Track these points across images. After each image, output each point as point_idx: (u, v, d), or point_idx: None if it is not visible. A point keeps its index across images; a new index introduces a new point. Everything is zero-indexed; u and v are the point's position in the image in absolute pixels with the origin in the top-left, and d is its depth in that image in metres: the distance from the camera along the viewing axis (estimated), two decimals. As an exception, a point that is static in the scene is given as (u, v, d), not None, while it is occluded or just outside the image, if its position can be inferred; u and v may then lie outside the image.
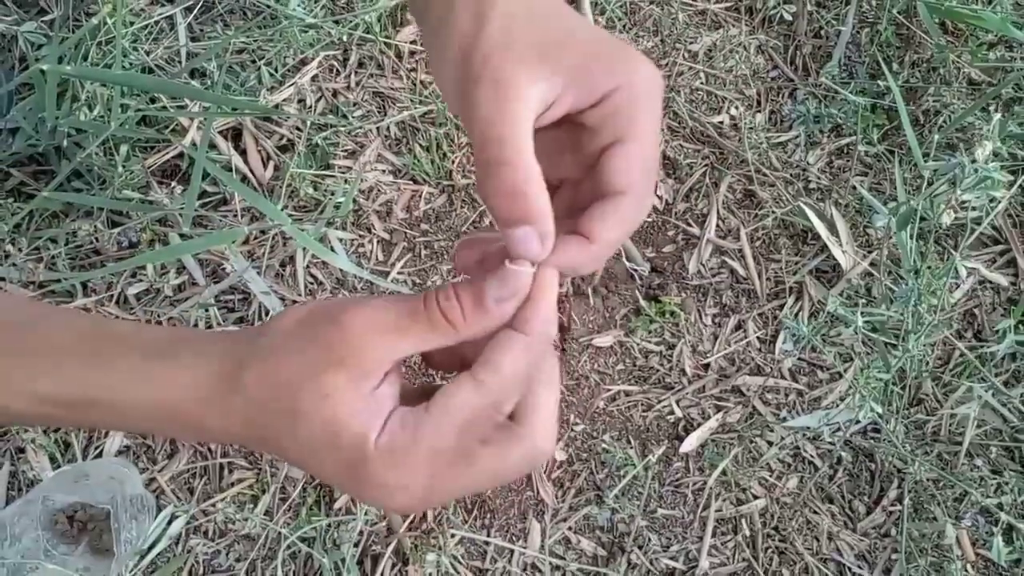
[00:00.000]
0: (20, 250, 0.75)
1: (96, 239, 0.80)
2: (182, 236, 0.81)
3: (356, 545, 0.69)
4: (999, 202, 0.79)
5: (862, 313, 0.71)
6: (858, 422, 0.76)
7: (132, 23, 0.84)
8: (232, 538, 0.71)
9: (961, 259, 0.70)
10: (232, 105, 0.80)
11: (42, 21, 0.87)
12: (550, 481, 0.76)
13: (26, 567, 0.65)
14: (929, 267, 0.73)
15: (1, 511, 0.68)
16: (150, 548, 0.70)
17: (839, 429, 0.79)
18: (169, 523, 0.71)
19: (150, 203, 0.79)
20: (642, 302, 0.83)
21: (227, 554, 0.71)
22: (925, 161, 0.75)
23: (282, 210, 0.76)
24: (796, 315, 0.83)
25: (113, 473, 0.70)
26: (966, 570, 0.72)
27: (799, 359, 0.82)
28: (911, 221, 0.73)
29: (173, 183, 0.79)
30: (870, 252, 0.85)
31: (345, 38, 0.88)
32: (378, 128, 0.89)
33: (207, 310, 0.77)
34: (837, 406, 0.78)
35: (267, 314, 0.78)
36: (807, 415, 0.77)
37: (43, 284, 0.79)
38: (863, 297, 0.82)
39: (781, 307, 0.84)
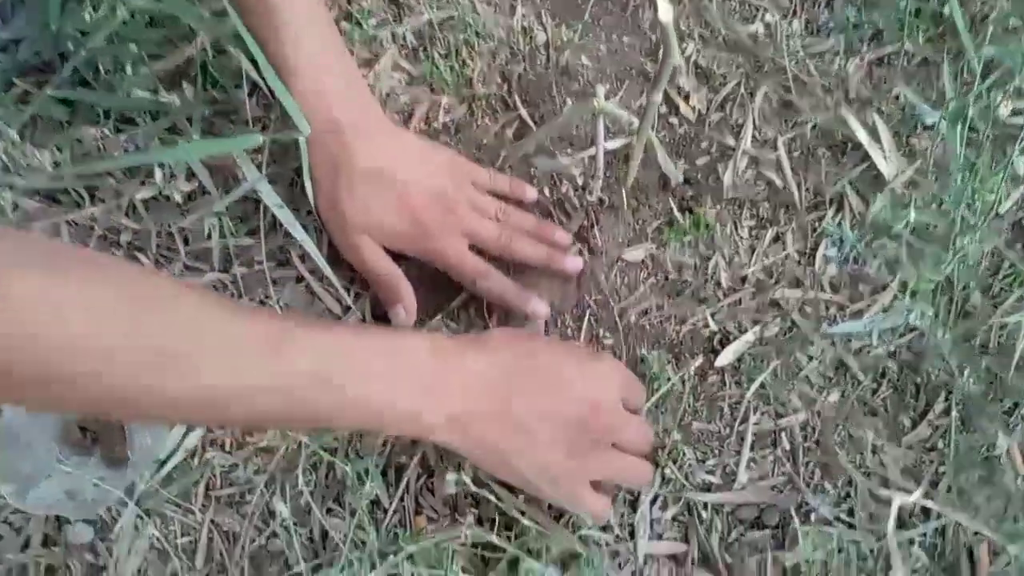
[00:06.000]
0: (24, 155, 0.71)
1: (103, 147, 0.76)
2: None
3: (380, 455, 0.66)
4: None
5: (908, 220, 0.67)
6: (910, 330, 0.72)
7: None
8: (250, 451, 0.69)
9: (1019, 154, 0.66)
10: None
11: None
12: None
13: (39, 476, 0.63)
14: (979, 168, 0.69)
15: (12, 419, 0.65)
16: (165, 461, 0.67)
17: (883, 343, 0.75)
18: (184, 436, 0.68)
19: (159, 105, 0.75)
20: (676, 213, 0.79)
21: (245, 467, 0.68)
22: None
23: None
24: (838, 225, 0.79)
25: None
26: (1017, 484, 0.69)
27: (839, 271, 0.78)
28: (963, 116, 0.69)
29: (184, 84, 0.75)
30: (914, 162, 0.81)
31: (360, -59, 0.84)
32: (393, 35, 0.85)
33: (219, 219, 0.73)
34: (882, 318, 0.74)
35: (279, 226, 0.75)
36: (853, 322, 0.73)
37: (50, 194, 0.76)
38: (908, 207, 0.78)
39: (821, 219, 0.80)
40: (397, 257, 0.73)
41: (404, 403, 0.54)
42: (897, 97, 0.86)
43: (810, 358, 0.75)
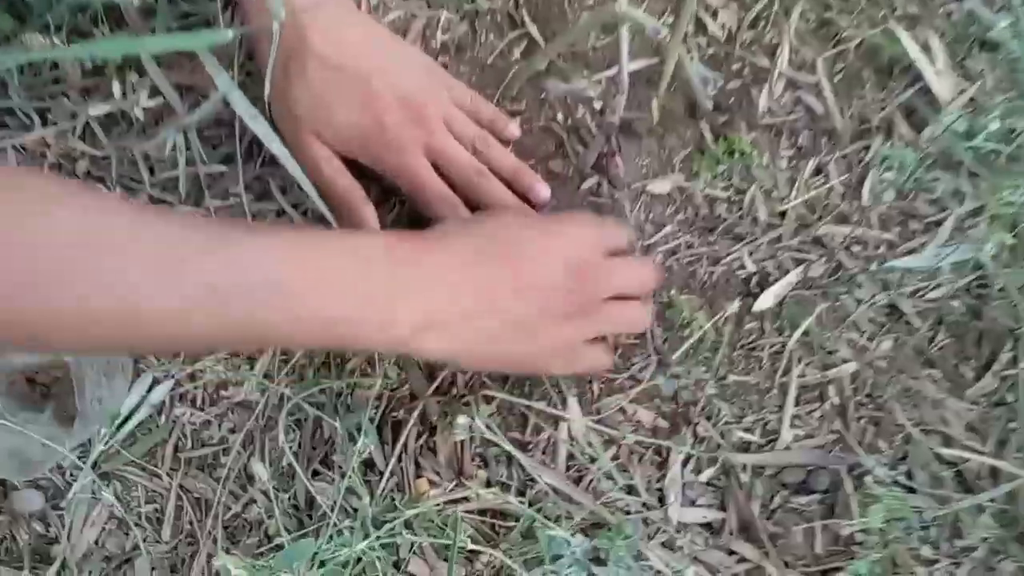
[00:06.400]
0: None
1: (55, 65, 0.67)
2: (158, 61, 0.68)
3: (374, 409, 0.57)
4: None
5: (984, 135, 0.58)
6: (974, 268, 0.63)
7: None
8: (225, 406, 0.60)
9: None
10: None
11: None
12: (601, 343, 0.64)
13: (-24, 435, 0.54)
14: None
15: (-58, 367, 0.56)
16: (127, 419, 0.59)
17: (943, 284, 0.67)
18: (149, 390, 0.60)
19: (118, 12, 0.66)
20: (707, 136, 0.70)
21: (219, 425, 0.59)
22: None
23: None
24: (891, 146, 0.70)
25: (80, 329, 0.57)
26: (1096, 442, 0.61)
27: (889, 207, 0.69)
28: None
29: (143, -15, 0.66)
30: (972, 84, 0.72)
31: None
32: (388, -58, 0.75)
33: (187, 139, 0.64)
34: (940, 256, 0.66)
35: (257, 153, 0.66)
36: (914, 256, 0.64)
37: (-7, 116, 0.66)
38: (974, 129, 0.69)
39: (866, 148, 0.71)
40: (360, 176, 0.63)
41: (369, 312, 0.46)
42: (950, 15, 0.76)
43: (859, 302, 0.66)
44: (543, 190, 0.65)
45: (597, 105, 0.72)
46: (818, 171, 0.71)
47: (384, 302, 0.47)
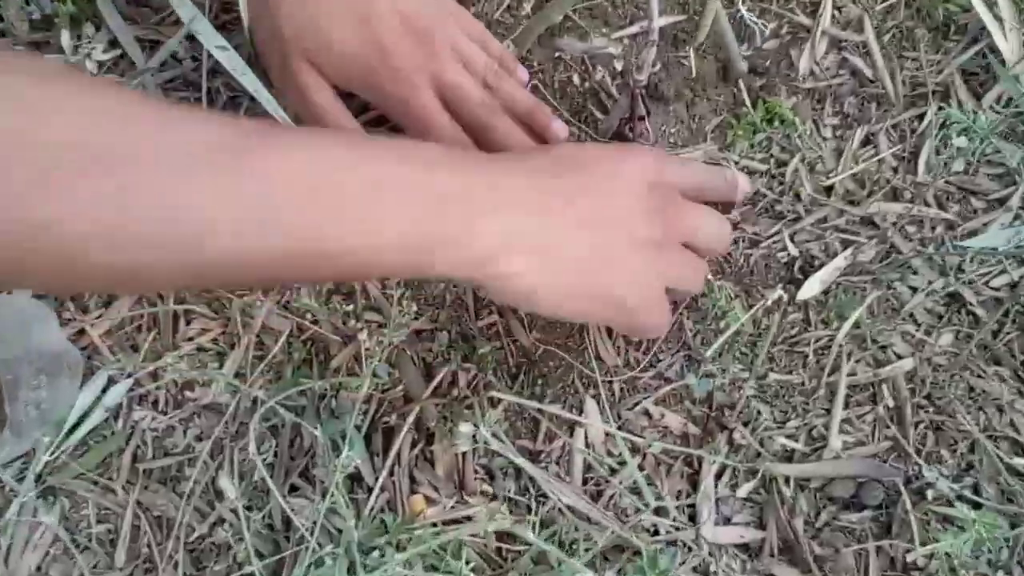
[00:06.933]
0: None
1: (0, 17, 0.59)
2: (123, 15, 0.60)
3: (364, 414, 0.49)
4: None
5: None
6: (1055, 250, 0.56)
7: None
8: (191, 409, 0.52)
9: None
10: None
11: None
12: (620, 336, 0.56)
13: None
14: None
15: None
16: (77, 424, 0.51)
17: (1006, 271, 0.59)
18: (104, 390, 0.52)
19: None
20: (745, 99, 0.62)
21: (184, 431, 0.52)
22: None
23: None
24: (943, 124, 0.62)
25: (25, 317, 0.50)
26: None
27: (947, 182, 0.61)
28: None
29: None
30: (1041, 44, 0.64)
31: None
32: None
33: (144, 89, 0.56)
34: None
35: (249, 103, 0.58)
36: (977, 237, 0.56)
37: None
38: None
39: (920, 117, 0.63)
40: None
41: (445, 225, 0.40)
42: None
43: (914, 290, 0.59)
44: (562, 130, 0.57)
45: (618, 65, 0.63)
46: (867, 141, 0.63)
47: (460, 215, 0.41)
